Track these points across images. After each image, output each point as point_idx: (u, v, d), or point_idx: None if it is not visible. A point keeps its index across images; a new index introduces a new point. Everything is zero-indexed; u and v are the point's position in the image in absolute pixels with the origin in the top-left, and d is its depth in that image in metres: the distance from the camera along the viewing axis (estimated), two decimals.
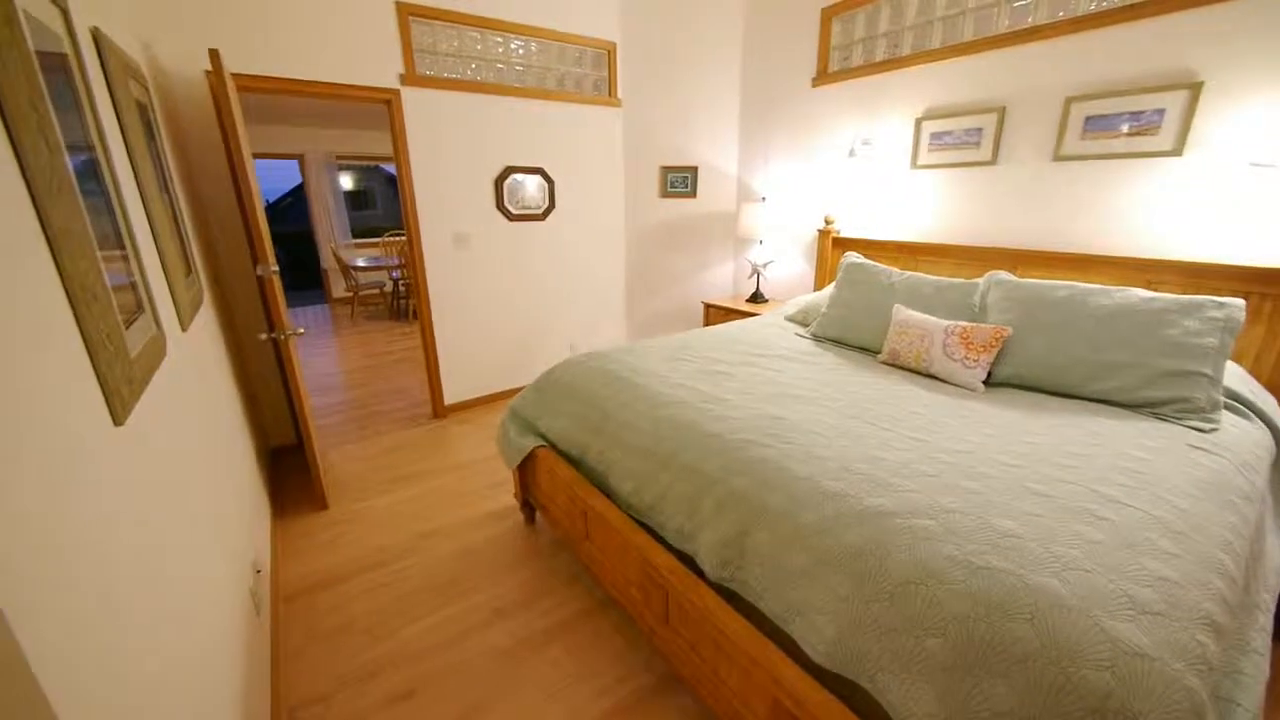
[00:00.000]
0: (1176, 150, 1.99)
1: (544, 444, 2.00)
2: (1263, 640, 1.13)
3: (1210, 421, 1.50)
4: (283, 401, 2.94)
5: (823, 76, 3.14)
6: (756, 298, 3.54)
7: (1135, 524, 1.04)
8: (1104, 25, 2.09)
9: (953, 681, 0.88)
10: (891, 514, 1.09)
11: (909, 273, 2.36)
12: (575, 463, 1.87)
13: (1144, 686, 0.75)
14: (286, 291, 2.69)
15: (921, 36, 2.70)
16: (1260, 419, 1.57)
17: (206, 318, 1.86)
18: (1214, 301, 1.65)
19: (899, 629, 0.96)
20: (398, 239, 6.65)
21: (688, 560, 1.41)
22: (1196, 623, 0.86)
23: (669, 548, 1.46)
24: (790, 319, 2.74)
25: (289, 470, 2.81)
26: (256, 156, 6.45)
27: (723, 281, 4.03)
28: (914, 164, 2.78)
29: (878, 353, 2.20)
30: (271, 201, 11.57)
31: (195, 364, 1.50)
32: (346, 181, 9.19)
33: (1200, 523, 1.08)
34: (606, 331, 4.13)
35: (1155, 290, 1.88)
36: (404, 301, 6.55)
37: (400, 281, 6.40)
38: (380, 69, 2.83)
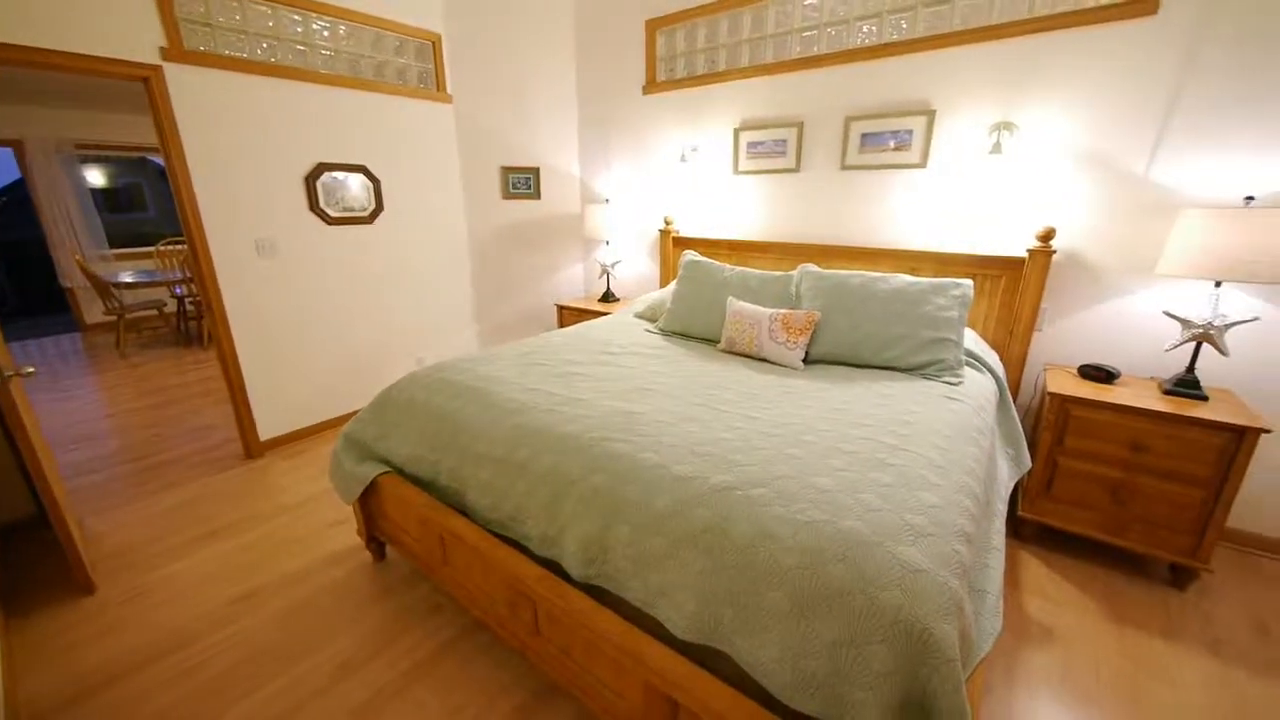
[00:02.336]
0: (922, 164, 2.49)
1: (388, 470, 1.82)
2: (1000, 539, 1.47)
3: (957, 376, 1.92)
4: (9, 462, 2.24)
5: (652, 85, 3.32)
6: (608, 297, 3.62)
7: (913, 465, 1.28)
8: (868, 59, 2.53)
9: (792, 626, 0.99)
10: (733, 488, 1.20)
11: (739, 268, 2.61)
12: (426, 485, 1.72)
13: (922, 594, 0.93)
14: (9, 317, 2.05)
15: (734, 55, 3.00)
16: (988, 370, 2.04)
17: None
18: (954, 283, 2.10)
19: (747, 590, 1.05)
20: (177, 248, 5.48)
21: (554, 567, 1.39)
22: (955, 536, 1.08)
23: (534, 557, 1.42)
24: (639, 316, 2.85)
25: (31, 551, 2.15)
26: None
27: (574, 282, 4.05)
28: (736, 170, 3.08)
29: (717, 342, 2.39)
30: None
31: None
32: (96, 177, 7.36)
33: (955, 457, 1.36)
34: (457, 341, 3.89)
35: (917, 275, 2.33)
36: (194, 323, 5.43)
37: (187, 299, 5.29)
38: (130, 38, 2.30)
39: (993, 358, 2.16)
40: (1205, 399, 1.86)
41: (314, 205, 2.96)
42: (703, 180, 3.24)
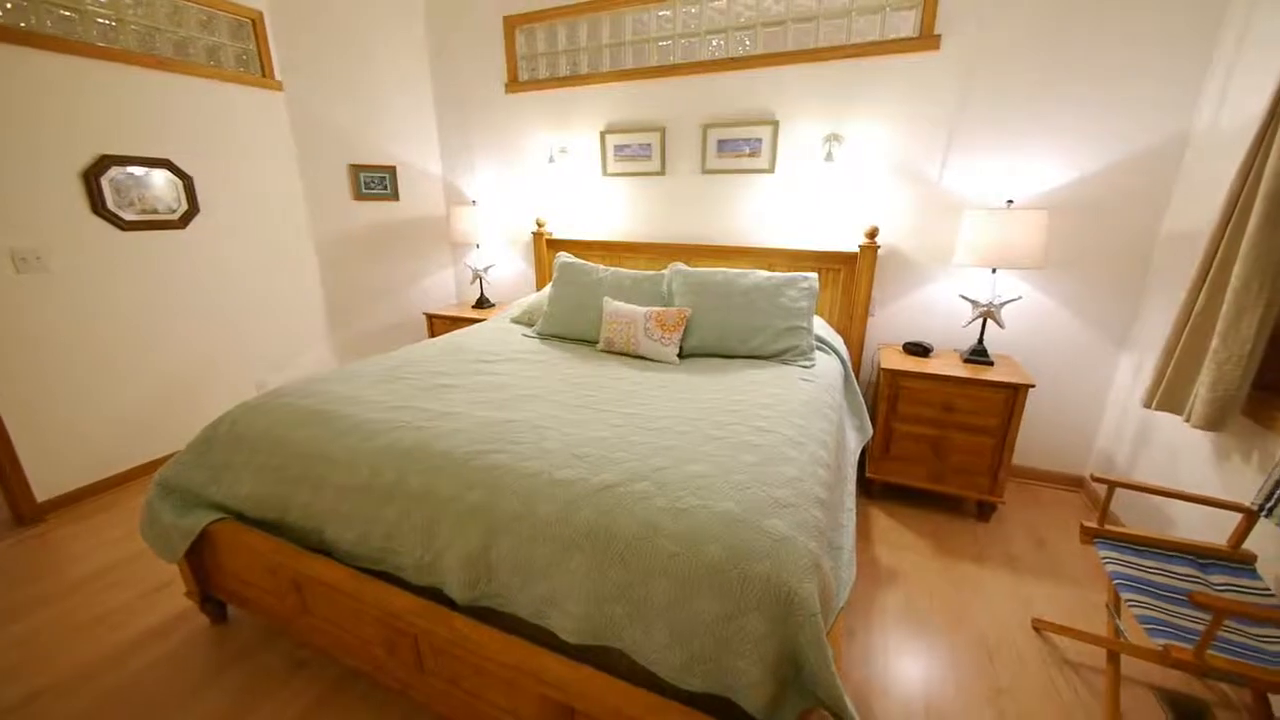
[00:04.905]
0: (771, 169, 2.73)
1: (223, 516, 1.55)
2: (851, 500, 1.67)
3: (810, 360, 2.14)
4: None
5: (514, 84, 3.23)
6: (482, 303, 3.46)
7: (776, 444, 1.40)
8: (718, 71, 2.71)
9: (678, 610, 1.03)
10: (615, 485, 1.21)
11: (613, 268, 2.65)
12: (274, 527, 1.51)
13: (787, 560, 1.02)
14: None
15: (596, 59, 3.03)
16: (834, 352, 2.31)
17: None
18: (803, 276, 2.34)
19: (633, 583, 1.07)
20: None
21: (434, 595, 1.29)
22: (813, 503, 1.21)
23: (411, 588, 1.31)
24: (516, 321, 2.77)
25: None
26: None
27: (444, 289, 3.82)
28: (605, 172, 3.13)
29: (596, 343, 2.41)
30: None
31: None
32: None
33: (810, 433, 1.52)
34: (308, 359, 3.45)
35: (772, 271, 2.56)
36: None
37: None
38: None
39: (838, 341, 2.45)
40: (992, 364, 2.29)
41: (99, 207, 2.43)
42: (573, 182, 3.24)
